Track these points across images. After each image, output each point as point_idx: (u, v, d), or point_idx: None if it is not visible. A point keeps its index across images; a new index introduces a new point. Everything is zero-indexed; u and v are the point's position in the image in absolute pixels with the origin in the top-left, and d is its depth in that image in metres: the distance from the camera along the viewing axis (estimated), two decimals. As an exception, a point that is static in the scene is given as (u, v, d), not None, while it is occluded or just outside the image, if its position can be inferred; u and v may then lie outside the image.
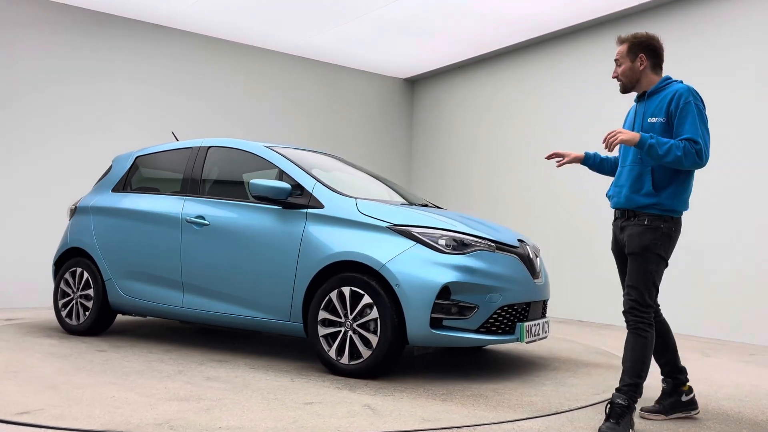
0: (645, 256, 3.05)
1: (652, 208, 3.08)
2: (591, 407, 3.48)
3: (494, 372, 4.34)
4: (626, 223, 3.16)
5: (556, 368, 4.59)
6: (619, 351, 5.12)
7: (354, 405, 3.28)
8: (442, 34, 8.38)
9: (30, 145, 7.33)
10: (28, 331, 5.44)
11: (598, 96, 7.80)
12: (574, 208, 7.97)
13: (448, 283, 3.84)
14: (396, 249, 3.96)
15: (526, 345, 5.57)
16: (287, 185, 4.37)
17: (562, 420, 3.19)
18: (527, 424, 3.07)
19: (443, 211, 4.83)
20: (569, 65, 8.19)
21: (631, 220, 3.13)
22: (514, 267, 4.17)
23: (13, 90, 7.26)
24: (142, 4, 7.58)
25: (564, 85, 8.25)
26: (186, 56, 8.40)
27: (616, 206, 3.26)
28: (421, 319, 3.82)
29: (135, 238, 5.14)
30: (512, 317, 4.12)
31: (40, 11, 7.43)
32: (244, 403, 3.26)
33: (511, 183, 8.83)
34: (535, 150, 8.52)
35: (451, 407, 3.31)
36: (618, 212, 3.25)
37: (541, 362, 4.81)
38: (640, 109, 3.25)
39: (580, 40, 8.08)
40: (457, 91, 9.82)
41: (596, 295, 7.55)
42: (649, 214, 3.08)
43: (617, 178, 3.29)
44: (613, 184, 3.31)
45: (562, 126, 8.23)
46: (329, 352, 4.04)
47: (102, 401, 3.20)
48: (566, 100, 8.21)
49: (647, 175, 3.10)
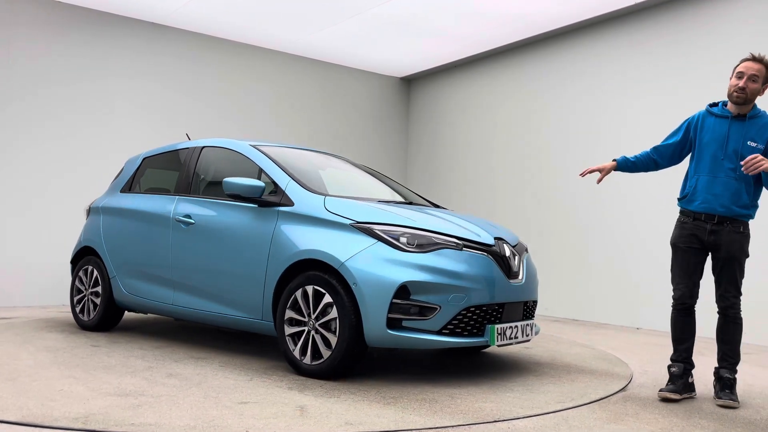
0: (742, 259, 3.67)
1: (745, 218, 3.66)
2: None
3: (472, 375, 4.15)
4: (718, 227, 3.64)
5: (541, 372, 4.37)
6: (613, 350, 5.18)
7: (288, 406, 3.21)
8: (438, 33, 8.40)
9: (27, 145, 7.37)
10: (46, 326, 5.70)
11: (595, 94, 7.79)
12: (571, 206, 7.96)
13: (405, 282, 3.70)
14: (357, 247, 3.85)
15: (529, 348, 5.33)
16: (259, 184, 4.35)
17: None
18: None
19: (424, 208, 4.67)
20: (565, 64, 8.17)
21: (725, 225, 3.63)
22: (485, 266, 3.96)
23: (9, 89, 7.27)
24: (140, 2, 7.60)
25: (560, 84, 8.22)
26: (183, 55, 8.40)
27: (707, 211, 3.67)
28: (377, 319, 3.69)
29: (134, 238, 5.29)
30: (481, 319, 3.92)
31: (39, 10, 7.46)
32: (181, 400, 3.25)
33: (507, 181, 8.83)
34: (531, 148, 8.55)
35: (388, 411, 3.18)
36: (706, 216, 3.68)
37: (532, 366, 4.58)
38: (738, 129, 3.66)
39: (576, 39, 8.06)
40: (453, 90, 9.82)
41: (591, 294, 7.62)
42: (743, 222, 3.66)
43: (709, 186, 3.67)
44: (702, 191, 3.69)
45: (558, 124, 8.22)
46: (294, 351, 3.99)
47: (45, 394, 3.29)
48: (562, 98, 8.18)
49: (743, 190, 3.62)
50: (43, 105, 7.50)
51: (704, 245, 3.72)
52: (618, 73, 7.57)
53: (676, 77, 6.97)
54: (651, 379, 4.34)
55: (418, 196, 5.44)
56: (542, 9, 7.49)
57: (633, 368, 4.70)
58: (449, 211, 4.90)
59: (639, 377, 4.38)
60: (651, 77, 7.24)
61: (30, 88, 7.42)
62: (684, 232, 3.76)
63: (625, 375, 4.42)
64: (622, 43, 7.53)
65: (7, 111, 7.29)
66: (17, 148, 7.35)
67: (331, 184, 5.03)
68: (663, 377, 4.23)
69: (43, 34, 7.51)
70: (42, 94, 7.50)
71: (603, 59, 7.72)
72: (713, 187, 3.66)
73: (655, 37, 7.20)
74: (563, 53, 8.18)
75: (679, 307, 3.81)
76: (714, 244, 3.68)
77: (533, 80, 8.57)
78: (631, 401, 3.66)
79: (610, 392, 3.85)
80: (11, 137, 7.31)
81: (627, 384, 4.12)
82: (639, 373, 4.54)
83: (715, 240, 3.66)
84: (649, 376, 4.41)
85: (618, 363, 4.89)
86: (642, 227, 7.16)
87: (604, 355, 5.25)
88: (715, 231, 3.65)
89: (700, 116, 3.84)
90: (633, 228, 7.27)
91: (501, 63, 9.03)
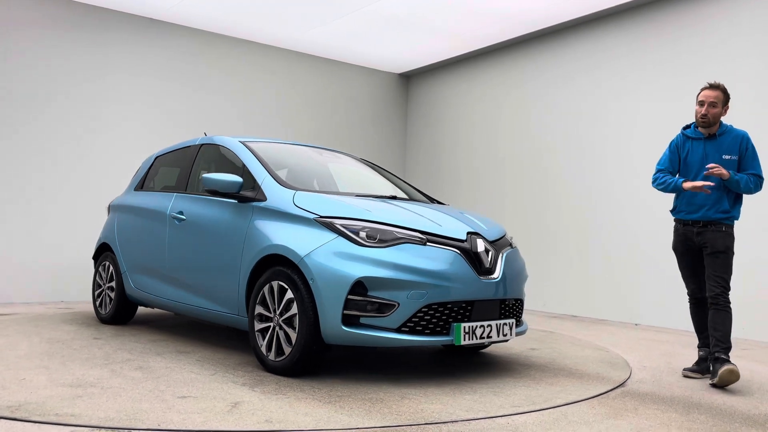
0: (728, 254, 4.10)
1: (726, 220, 4.14)
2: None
3: (452, 375, 3.98)
4: (703, 229, 4.15)
5: (540, 369, 4.38)
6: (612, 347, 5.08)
7: (224, 402, 3.18)
8: (436, 30, 8.38)
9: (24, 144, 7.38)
10: (65, 319, 5.97)
11: (592, 92, 7.79)
12: (570, 202, 7.97)
13: (361, 277, 3.59)
14: (317, 242, 3.78)
15: (530, 345, 5.08)
16: (236, 179, 4.36)
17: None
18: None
19: (407, 202, 4.52)
20: (564, 61, 8.15)
21: (709, 227, 4.13)
22: (450, 262, 3.78)
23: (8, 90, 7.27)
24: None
25: (559, 81, 8.20)
26: (182, 52, 8.42)
27: (692, 218, 4.21)
28: (333, 315, 3.61)
29: (140, 234, 5.45)
30: (446, 317, 3.74)
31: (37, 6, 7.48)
32: (128, 393, 3.29)
33: (506, 177, 8.83)
34: (530, 144, 8.52)
35: (320, 410, 3.09)
36: (693, 221, 4.21)
37: (530, 362, 4.45)
38: (713, 147, 4.19)
39: (574, 36, 8.04)
40: (452, 86, 9.81)
41: (590, 290, 7.64)
42: (724, 223, 4.14)
43: (692, 198, 4.20)
44: (687, 203, 4.24)
45: (557, 121, 8.20)
46: (261, 347, 3.97)
47: (4, 383, 3.42)
48: (561, 95, 8.17)
49: (724, 198, 4.13)
50: (42, 105, 7.47)
51: (695, 245, 4.23)
52: (617, 70, 7.57)
53: (675, 74, 6.98)
54: (650, 374, 4.34)
55: (416, 190, 5.30)
56: (540, 6, 7.49)
57: (632, 364, 4.69)
58: (441, 206, 4.74)
59: (638, 373, 4.38)
60: (650, 74, 7.23)
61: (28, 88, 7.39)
62: (679, 237, 4.35)
63: (624, 371, 4.41)
64: (621, 40, 7.54)
65: (7, 111, 7.29)
66: (16, 148, 7.32)
67: (338, 180, 5.02)
68: (662, 373, 4.41)
69: (45, 33, 7.51)
70: (41, 93, 7.45)
71: (602, 56, 7.73)
72: (696, 198, 4.20)
73: (655, 35, 7.21)
74: (562, 50, 8.18)
75: (692, 300, 4.39)
76: (702, 244, 4.19)
77: (532, 77, 8.57)
78: (630, 397, 3.66)
79: (609, 388, 3.85)
80: (10, 137, 7.29)
81: (626, 380, 4.13)
82: (638, 368, 4.54)
83: (702, 240, 4.18)
84: (648, 372, 4.42)
85: (617, 359, 4.88)
86: (641, 224, 7.17)
87: (603, 351, 5.24)
88: (701, 232, 4.19)
89: (680, 139, 4.38)
90: (632, 225, 7.28)
91: (499, 59, 9.05)
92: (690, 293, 4.38)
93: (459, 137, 9.63)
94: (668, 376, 4.33)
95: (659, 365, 4.69)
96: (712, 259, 4.11)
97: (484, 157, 9.19)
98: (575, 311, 7.79)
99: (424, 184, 9.72)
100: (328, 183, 4.88)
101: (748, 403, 3.61)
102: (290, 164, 4.90)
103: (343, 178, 5.05)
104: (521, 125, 8.68)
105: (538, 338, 5.74)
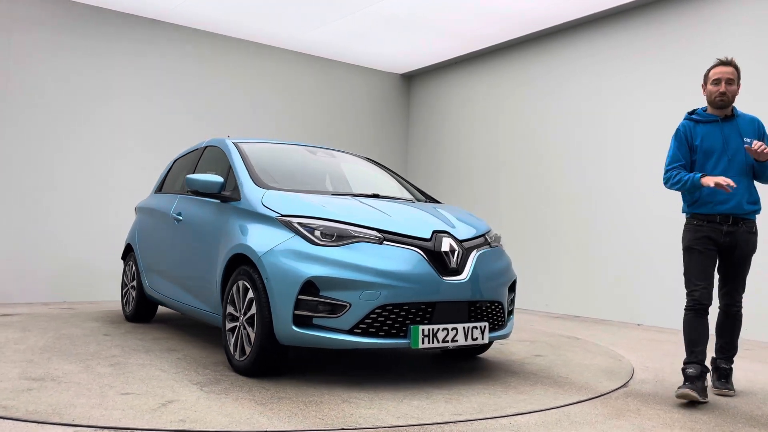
0: (751, 258, 3.75)
1: (754, 214, 3.73)
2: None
3: (424, 380, 3.82)
4: (733, 228, 3.66)
5: (543, 368, 4.34)
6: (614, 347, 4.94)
7: (156, 400, 3.19)
8: (438, 30, 8.34)
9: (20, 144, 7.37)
10: (94, 316, 6.26)
11: (593, 92, 7.76)
12: (572, 202, 7.94)
13: (311, 277, 3.50)
14: (275, 240, 3.73)
15: (530, 345, 4.80)
16: (216, 179, 4.40)
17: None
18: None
19: (382, 201, 4.36)
20: (566, 61, 8.12)
21: (740, 226, 3.67)
22: (409, 261, 3.62)
23: (9, 87, 7.30)
24: None
25: (561, 81, 8.18)
26: (181, 51, 8.39)
27: (722, 211, 3.66)
28: (285, 316, 3.54)
29: (152, 235, 5.63)
30: (403, 319, 3.58)
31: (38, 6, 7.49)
32: (77, 388, 3.38)
33: (508, 177, 8.81)
34: (532, 144, 8.49)
35: (243, 411, 3.03)
36: (722, 218, 3.67)
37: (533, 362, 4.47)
38: (732, 129, 3.74)
39: (576, 36, 8.02)
40: (454, 86, 9.80)
41: (592, 290, 7.61)
42: (753, 221, 3.74)
43: None
44: (711, 192, 3.65)
45: (559, 121, 8.16)
46: (230, 346, 3.97)
47: (-25, 375, 3.62)
48: (563, 95, 8.14)
49: (752, 186, 3.73)
50: (44, 106, 7.48)
51: (718, 246, 3.71)
52: (619, 70, 7.53)
53: (676, 75, 6.92)
54: (652, 375, 4.33)
55: (413, 186, 5.15)
56: (542, 6, 7.44)
57: (634, 364, 4.66)
58: (420, 204, 4.56)
59: (640, 373, 4.36)
60: (653, 74, 7.17)
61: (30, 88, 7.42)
62: (699, 234, 3.72)
63: (627, 371, 4.40)
64: (622, 40, 7.50)
65: (11, 112, 7.31)
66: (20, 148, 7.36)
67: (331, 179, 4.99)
68: (664, 373, 4.35)
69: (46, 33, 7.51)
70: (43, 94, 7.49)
71: (604, 56, 7.70)
72: None
73: (657, 34, 7.17)
74: (564, 50, 8.16)
75: (697, 307, 3.69)
76: (729, 245, 3.70)
77: (534, 77, 8.55)
78: (633, 397, 3.65)
79: (612, 388, 3.84)
80: (12, 137, 7.30)
81: (628, 380, 4.11)
82: (640, 369, 4.52)
83: (730, 241, 3.69)
84: (651, 373, 4.40)
85: (619, 359, 4.87)
86: (643, 224, 7.12)
87: (605, 351, 5.21)
88: (731, 232, 3.68)
89: (687, 125, 3.85)
90: (634, 225, 7.23)
91: (501, 60, 9.04)
92: (696, 298, 3.68)
93: (460, 137, 9.62)
94: (671, 376, 4.28)
95: (662, 366, 4.63)
96: (740, 264, 3.74)
97: (485, 156, 9.19)
98: (577, 312, 7.76)
99: (426, 184, 9.73)
100: (318, 182, 4.83)
101: (751, 404, 3.58)
102: (281, 164, 4.88)
103: (335, 177, 4.98)
104: (523, 125, 8.67)
105: (539, 338, 5.71)
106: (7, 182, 7.30)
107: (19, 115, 7.38)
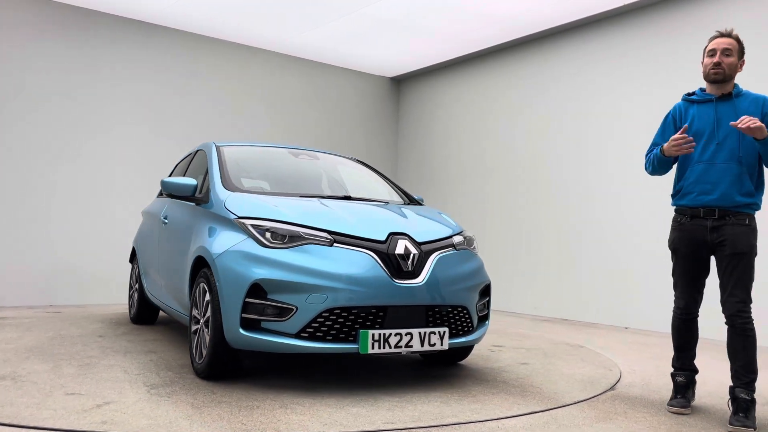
0: (750, 256, 3.23)
1: (748, 208, 3.26)
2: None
3: (397, 386, 3.71)
4: (719, 223, 3.25)
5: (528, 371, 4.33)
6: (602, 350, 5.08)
7: (95, 401, 3.20)
8: (428, 33, 8.30)
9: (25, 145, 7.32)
10: (101, 318, 6.42)
11: (585, 95, 7.71)
12: (560, 206, 7.89)
13: (258, 280, 3.45)
14: (230, 243, 3.70)
15: (524, 363, 4.61)
16: (188, 182, 4.42)
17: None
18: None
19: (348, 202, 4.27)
20: (555, 65, 8.08)
21: (727, 219, 3.24)
22: (359, 264, 3.51)
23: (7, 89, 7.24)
24: (129, 1, 7.52)
25: (550, 84, 8.12)
26: (172, 55, 8.30)
27: (706, 204, 3.30)
28: (233, 319, 3.51)
29: (148, 238, 5.72)
30: (352, 323, 3.48)
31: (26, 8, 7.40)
32: (29, 387, 3.44)
33: (497, 180, 8.76)
34: (521, 147, 8.44)
35: (172, 414, 3.00)
36: (705, 211, 3.30)
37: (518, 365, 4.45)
38: (727, 109, 3.31)
39: (566, 39, 7.98)
40: (443, 90, 9.75)
41: (580, 293, 7.57)
42: (747, 214, 3.26)
43: (704, 174, 3.31)
44: (697, 181, 3.33)
45: (548, 124, 8.11)
46: (192, 349, 3.97)
47: (-57, 373, 3.73)
48: (552, 98, 8.08)
49: (745, 175, 3.25)
50: (31, 109, 7.37)
51: (706, 245, 3.33)
52: (608, 74, 7.49)
53: (668, 77, 6.82)
54: (639, 378, 4.32)
55: (397, 188, 5.04)
56: (532, 9, 7.39)
57: (621, 367, 4.65)
58: (389, 205, 4.41)
59: (627, 376, 4.34)
60: (642, 77, 7.10)
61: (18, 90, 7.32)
62: (683, 234, 3.39)
63: (614, 374, 4.38)
64: (612, 43, 7.46)
65: (6, 112, 7.24)
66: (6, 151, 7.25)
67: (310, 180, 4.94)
68: (651, 376, 4.32)
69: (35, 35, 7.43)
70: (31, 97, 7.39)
71: (593, 60, 7.67)
72: (709, 174, 3.30)
73: (646, 37, 7.11)
74: (553, 54, 8.11)
75: (683, 316, 3.49)
76: (717, 242, 3.28)
77: (523, 80, 8.50)
78: (620, 400, 3.65)
79: (599, 391, 3.84)
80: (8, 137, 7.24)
81: (615, 383, 4.10)
82: (627, 372, 4.50)
83: (717, 237, 3.28)
84: (638, 375, 4.39)
85: (606, 362, 4.85)
86: (631, 227, 7.08)
87: (592, 354, 5.21)
88: (717, 227, 3.28)
89: (679, 107, 3.52)
90: (622, 228, 7.19)
91: (491, 63, 8.97)
92: (682, 307, 3.45)
93: (450, 140, 9.57)
94: (657, 379, 4.26)
95: (648, 369, 4.62)
96: (732, 264, 3.20)
97: (474, 159, 9.13)
98: (565, 314, 7.73)
99: (415, 187, 9.71)
100: (293, 184, 4.76)
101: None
102: (260, 167, 4.87)
103: (311, 179, 4.92)
104: (512, 129, 8.61)
105: (527, 341, 5.67)
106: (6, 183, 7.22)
107: (5, 118, 7.24)
